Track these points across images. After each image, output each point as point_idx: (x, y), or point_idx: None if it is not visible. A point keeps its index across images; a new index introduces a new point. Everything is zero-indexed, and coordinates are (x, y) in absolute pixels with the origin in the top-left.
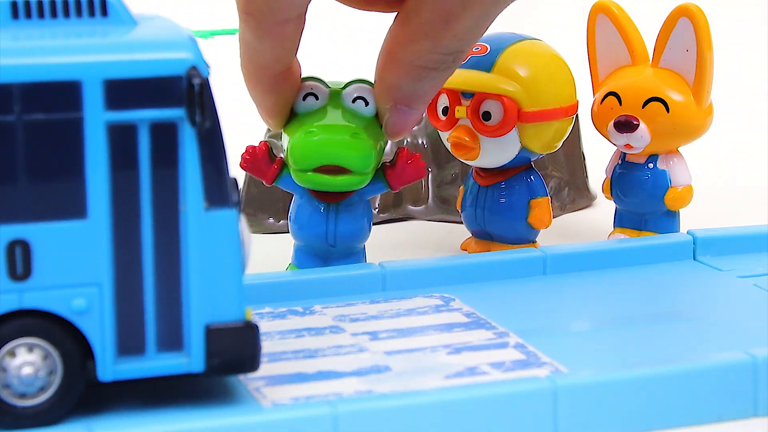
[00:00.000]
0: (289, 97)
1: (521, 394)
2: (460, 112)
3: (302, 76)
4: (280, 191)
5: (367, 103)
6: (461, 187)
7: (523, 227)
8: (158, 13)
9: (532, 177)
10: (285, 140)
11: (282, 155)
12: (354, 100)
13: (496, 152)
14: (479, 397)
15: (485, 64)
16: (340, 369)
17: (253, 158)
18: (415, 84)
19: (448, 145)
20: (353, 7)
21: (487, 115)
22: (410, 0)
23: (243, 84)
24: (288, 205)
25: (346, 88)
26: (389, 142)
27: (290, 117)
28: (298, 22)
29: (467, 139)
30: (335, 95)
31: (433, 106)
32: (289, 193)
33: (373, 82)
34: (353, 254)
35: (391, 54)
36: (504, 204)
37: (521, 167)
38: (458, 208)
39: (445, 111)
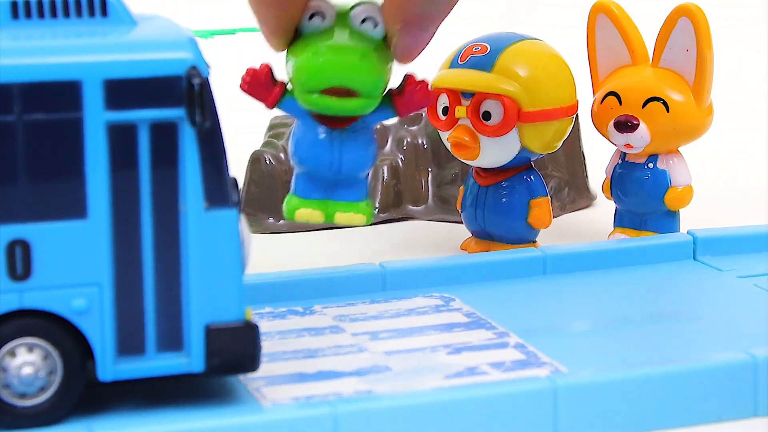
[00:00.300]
0: (295, 14)
1: (521, 394)
2: (460, 111)
3: None
4: (280, 191)
5: (375, 24)
6: (461, 187)
7: (523, 227)
8: (158, 13)
9: (532, 177)
10: (290, 61)
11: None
12: (362, 21)
13: (496, 152)
14: (479, 397)
15: (485, 64)
16: (340, 369)
17: (253, 80)
18: (427, 2)
19: (448, 145)
20: None
21: (487, 115)
22: None
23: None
24: None
25: (354, 9)
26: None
27: (294, 37)
28: None
29: (467, 138)
30: (342, 16)
31: (433, 106)
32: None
33: (381, 1)
34: (356, 183)
35: None
36: (504, 204)
37: (521, 167)
38: (458, 208)
39: (446, 111)
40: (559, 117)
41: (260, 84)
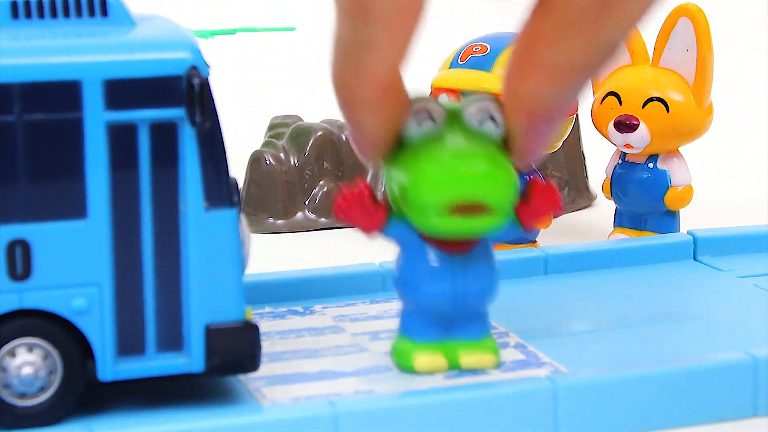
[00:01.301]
0: (401, 119)
1: (521, 394)
2: None
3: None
4: (280, 191)
5: (496, 124)
6: None
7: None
8: (158, 13)
9: (532, 177)
10: (396, 176)
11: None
12: (481, 121)
13: None
14: (479, 397)
15: (486, 63)
16: (340, 369)
17: (352, 204)
18: (559, 91)
19: None
20: None
21: None
22: None
23: (242, 84)
24: (288, 205)
25: (469, 107)
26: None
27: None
28: (422, 13)
29: None
30: (453, 116)
31: None
32: (289, 193)
33: (494, 96)
34: (478, 317)
35: (526, 58)
36: None
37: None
38: None
39: None
40: None
41: (361, 208)
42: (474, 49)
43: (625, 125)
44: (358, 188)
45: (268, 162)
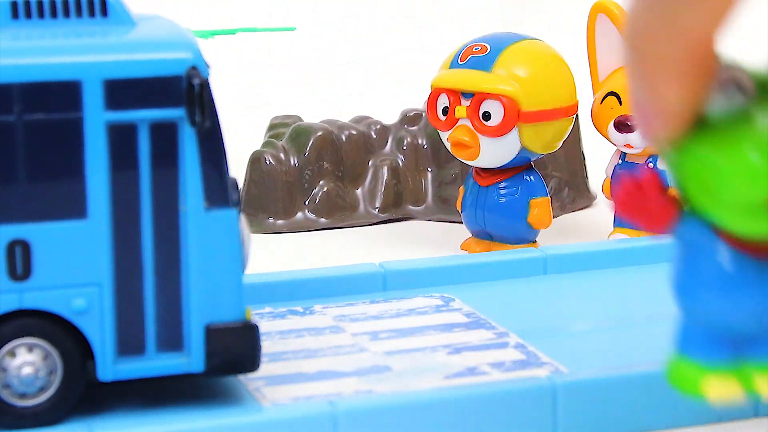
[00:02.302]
0: (706, 89)
1: (521, 394)
2: (460, 111)
3: None
4: (280, 191)
5: None
6: (461, 187)
7: (524, 227)
8: (158, 13)
9: (532, 177)
10: (697, 161)
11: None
12: None
13: (496, 152)
14: (479, 397)
15: (485, 63)
16: (340, 369)
17: (634, 197)
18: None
19: (449, 145)
20: None
21: (487, 115)
22: None
23: (242, 84)
24: (288, 205)
25: None
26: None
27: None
28: None
29: (467, 138)
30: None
31: (433, 106)
32: (289, 193)
33: None
34: None
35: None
36: (504, 204)
37: (521, 167)
38: (458, 208)
39: (446, 111)
40: (559, 117)
41: (647, 201)
42: (474, 49)
43: (625, 125)
44: (645, 177)
45: (268, 162)
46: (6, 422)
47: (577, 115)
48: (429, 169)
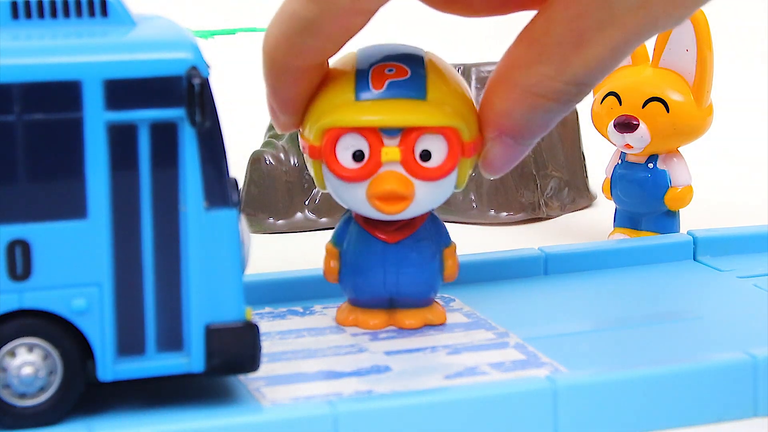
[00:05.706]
0: (312, 91)
1: (521, 394)
2: (390, 154)
3: None
4: (280, 191)
5: None
6: (330, 247)
7: (438, 281)
8: (158, 13)
9: (437, 223)
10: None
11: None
12: None
13: (430, 199)
14: (479, 397)
15: (415, 89)
16: (340, 369)
17: None
18: (528, 114)
19: (363, 203)
20: (451, 11)
21: (426, 155)
22: (538, 18)
23: (242, 84)
24: (288, 205)
25: None
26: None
27: None
28: (371, 15)
29: (402, 189)
30: None
31: (331, 152)
32: (289, 193)
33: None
34: None
35: (505, 77)
36: (420, 258)
37: (426, 214)
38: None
39: (359, 156)
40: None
41: None
42: (387, 71)
43: (625, 125)
44: None
45: (268, 162)
46: (6, 422)
47: (577, 115)
48: None
